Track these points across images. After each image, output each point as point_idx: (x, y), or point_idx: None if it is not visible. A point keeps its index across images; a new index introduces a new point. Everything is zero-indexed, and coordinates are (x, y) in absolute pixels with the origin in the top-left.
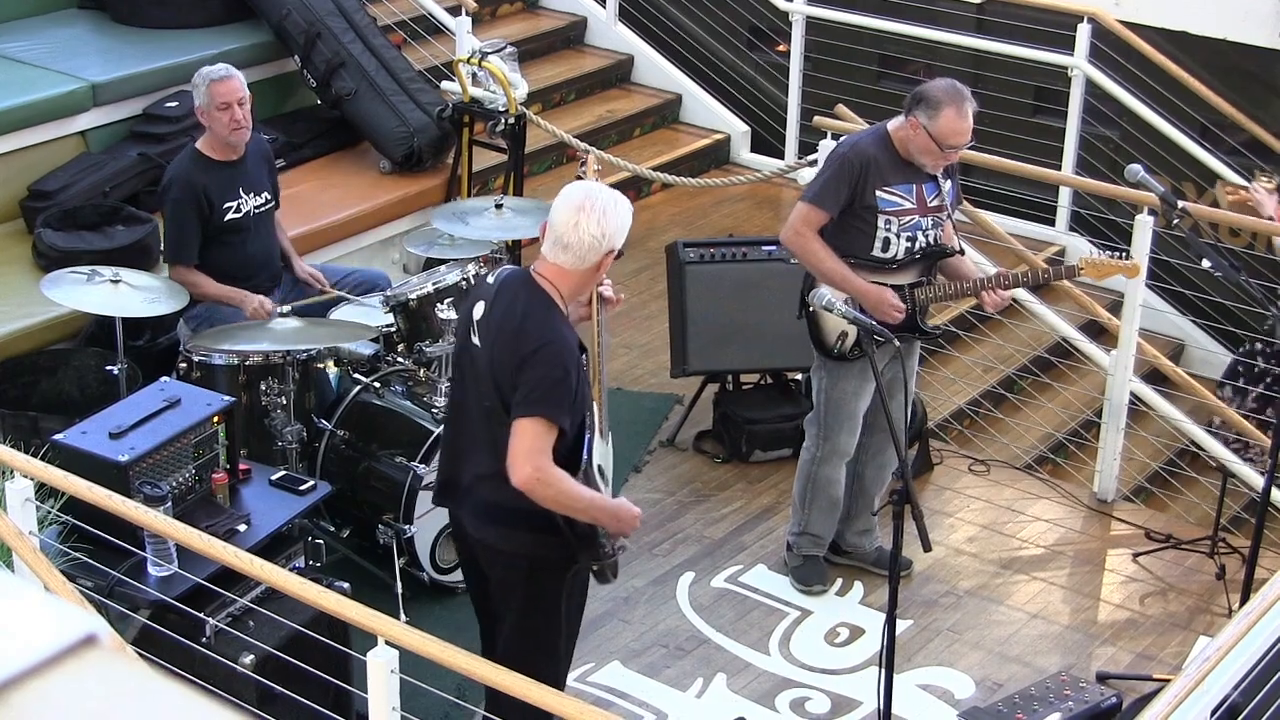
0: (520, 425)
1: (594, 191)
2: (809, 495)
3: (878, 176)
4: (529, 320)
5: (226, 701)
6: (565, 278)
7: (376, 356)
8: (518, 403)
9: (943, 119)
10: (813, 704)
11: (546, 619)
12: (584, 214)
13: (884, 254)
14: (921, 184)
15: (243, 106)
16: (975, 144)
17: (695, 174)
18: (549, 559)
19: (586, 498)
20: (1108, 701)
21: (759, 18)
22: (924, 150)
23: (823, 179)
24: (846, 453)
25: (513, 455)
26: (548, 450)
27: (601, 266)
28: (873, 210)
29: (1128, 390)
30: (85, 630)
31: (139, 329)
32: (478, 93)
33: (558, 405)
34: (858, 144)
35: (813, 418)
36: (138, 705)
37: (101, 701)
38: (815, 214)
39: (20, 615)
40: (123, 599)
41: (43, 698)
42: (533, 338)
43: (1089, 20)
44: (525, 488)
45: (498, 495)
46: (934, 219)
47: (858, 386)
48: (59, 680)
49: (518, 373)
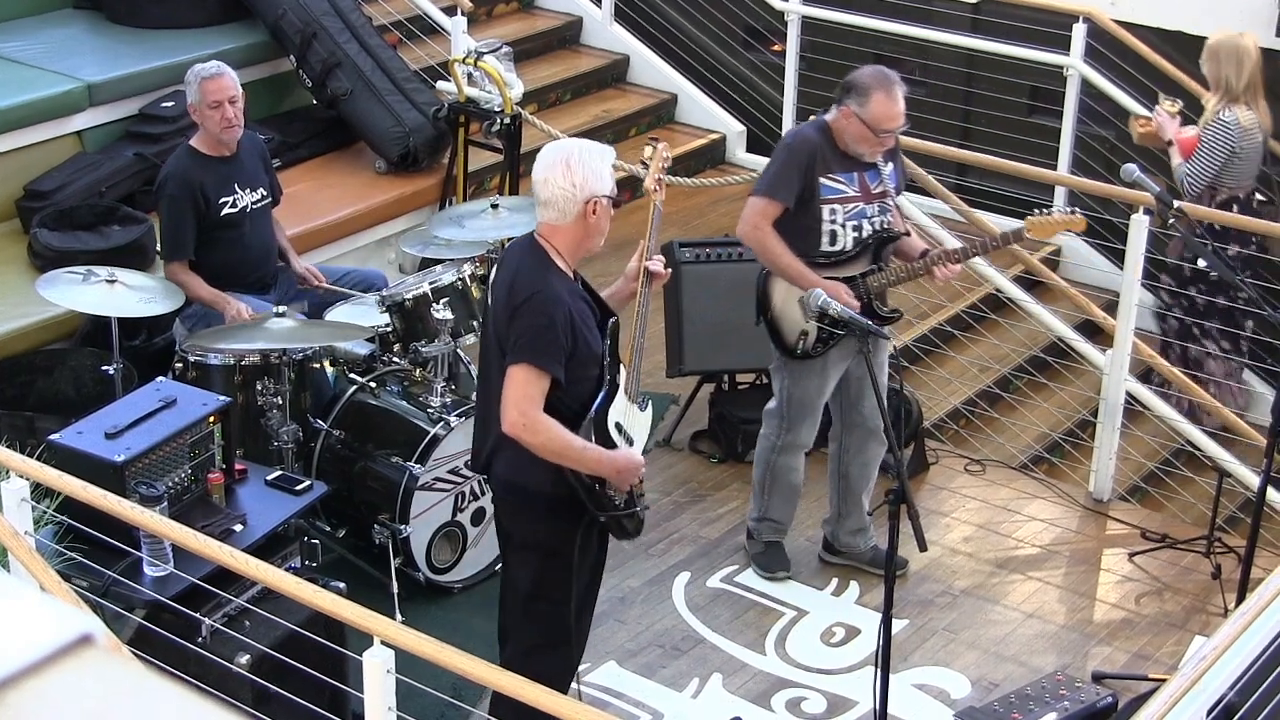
0: (510, 373)
1: (562, 145)
2: (769, 481)
3: (823, 164)
4: (519, 273)
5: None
6: (558, 234)
7: (372, 356)
8: (510, 350)
9: (873, 104)
10: (808, 704)
11: (559, 580)
12: (551, 169)
13: (832, 247)
14: (863, 171)
15: (234, 105)
16: (970, 144)
17: (691, 174)
18: (562, 517)
19: (578, 447)
20: (1103, 701)
21: (755, 17)
22: (859, 138)
23: (773, 170)
24: (806, 445)
25: (503, 403)
26: (536, 398)
27: (589, 216)
28: (817, 199)
29: (1123, 390)
30: (81, 630)
31: (135, 329)
32: (473, 93)
33: (544, 352)
34: (801, 132)
35: (774, 410)
36: (133, 705)
37: (97, 701)
38: (770, 206)
39: (16, 615)
40: (118, 599)
41: (38, 697)
42: (522, 289)
43: (1084, 20)
44: (512, 434)
45: (510, 460)
46: (879, 205)
47: (819, 383)
48: (55, 680)
49: (510, 323)
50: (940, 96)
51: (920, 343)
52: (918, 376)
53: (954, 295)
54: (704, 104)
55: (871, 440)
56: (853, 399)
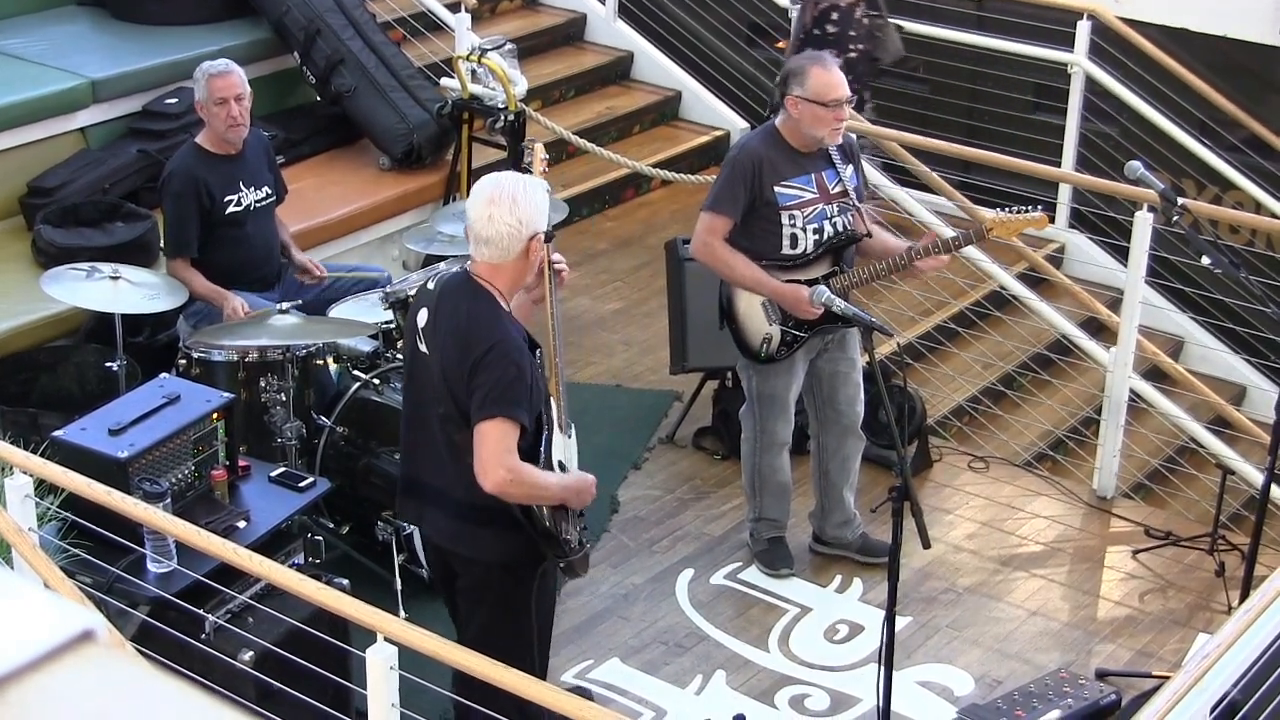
0: (483, 429)
1: (501, 181)
2: (757, 484)
3: (772, 173)
4: (474, 323)
5: (225, 698)
6: (498, 273)
7: (376, 353)
8: (476, 406)
9: (812, 78)
10: (812, 701)
11: (516, 622)
12: (495, 205)
13: (793, 250)
14: (820, 172)
15: (240, 103)
16: (975, 140)
17: (695, 171)
18: (517, 560)
19: (556, 483)
20: (1107, 699)
21: (758, 14)
22: (813, 120)
23: (718, 185)
24: (785, 441)
25: (481, 462)
26: (514, 450)
27: (530, 252)
28: (774, 207)
29: (1127, 387)
30: (84, 626)
31: (138, 325)
32: (477, 89)
33: (516, 403)
34: (746, 145)
35: (746, 411)
36: (136, 701)
37: (100, 697)
38: (718, 221)
39: (19, 611)
40: (122, 595)
41: (41, 693)
42: (481, 341)
43: (1089, 17)
44: (499, 491)
45: (459, 503)
46: (839, 205)
47: (787, 380)
48: (58, 676)
49: (471, 377)
50: (945, 94)
51: (924, 339)
52: (921, 373)
53: (958, 292)
54: (708, 101)
55: (849, 436)
56: (826, 396)
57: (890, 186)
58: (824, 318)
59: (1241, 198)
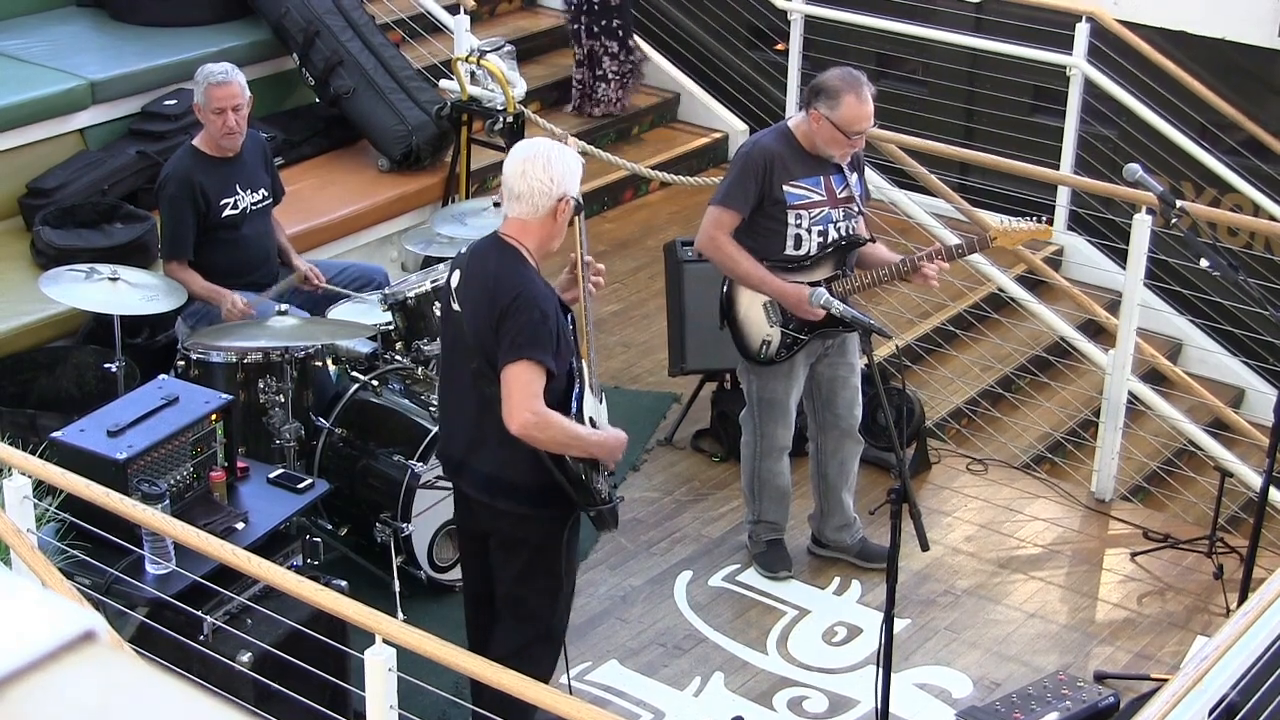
0: (509, 372)
1: (538, 143)
2: (757, 487)
3: (783, 171)
4: (501, 275)
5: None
6: (527, 231)
7: (375, 354)
8: (504, 351)
9: (844, 107)
10: (810, 703)
11: (550, 571)
12: (529, 163)
13: (797, 251)
14: (828, 175)
15: (238, 112)
16: (973, 143)
17: (694, 173)
18: (549, 510)
19: (585, 434)
20: (1105, 701)
21: (758, 16)
22: (830, 141)
23: (729, 180)
24: (785, 445)
25: (507, 404)
26: (539, 393)
27: (558, 214)
28: (781, 206)
29: (1126, 389)
30: (82, 627)
31: (137, 326)
32: (476, 91)
33: (542, 347)
34: (759, 141)
35: (746, 415)
36: (135, 702)
37: (98, 698)
38: (726, 215)
39: (18, 612)
40: (120, 596)
41: (40, 694)
42: (507, 290)
43: (1087, 20)
44: (523, 433)
45: (494, 457)
46: (844, 210)
47: (786, 385)
48: (56, 677)
49: (499, 325)
50: (943, 96)
51: (922, 342)
52: (920, 376)
53: (956, 295)
54: (707, 103)
55: (847, 440)
56: (825, 400)
57: (889, 189)
58: (824, 321)
59: (1240, 200)
